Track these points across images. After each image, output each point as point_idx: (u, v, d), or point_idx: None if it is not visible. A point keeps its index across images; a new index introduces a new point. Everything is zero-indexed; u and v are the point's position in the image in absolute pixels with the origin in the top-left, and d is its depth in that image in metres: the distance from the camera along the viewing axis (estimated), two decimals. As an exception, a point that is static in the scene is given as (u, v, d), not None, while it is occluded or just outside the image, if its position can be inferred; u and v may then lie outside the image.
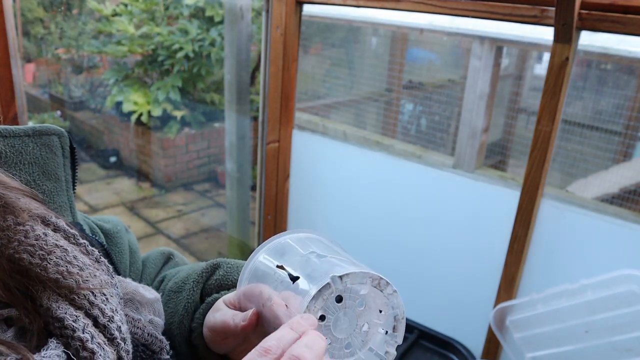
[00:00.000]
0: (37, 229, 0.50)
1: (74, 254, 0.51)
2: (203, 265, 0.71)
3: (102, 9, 4.20)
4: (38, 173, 0.60)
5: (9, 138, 0.59)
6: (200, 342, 0.64)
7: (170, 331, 0.68)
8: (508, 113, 2.55)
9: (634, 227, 1.56)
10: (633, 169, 2.07)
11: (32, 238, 0.49)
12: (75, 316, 0.47)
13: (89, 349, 0.46)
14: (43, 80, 4.71)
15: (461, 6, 1.65)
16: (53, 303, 0.47)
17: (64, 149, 0.63)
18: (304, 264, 0.53)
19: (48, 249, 0.49)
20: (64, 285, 0.48)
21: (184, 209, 4.40)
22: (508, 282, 1.76)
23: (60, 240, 0.51)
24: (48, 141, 0.62)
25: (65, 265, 0.49)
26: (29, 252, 0.48)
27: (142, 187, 4.63)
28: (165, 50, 4.26)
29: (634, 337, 1.41)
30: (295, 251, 0.56)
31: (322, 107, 2.59)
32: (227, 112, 3.08)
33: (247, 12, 2.89)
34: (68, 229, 0.53)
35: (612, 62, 2.31)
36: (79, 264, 0.50)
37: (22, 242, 0.48)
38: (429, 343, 2.00)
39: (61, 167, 0.63)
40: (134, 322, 0.58)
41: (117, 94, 4.31)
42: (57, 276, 0.48)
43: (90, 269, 0.51)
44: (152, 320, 0.60)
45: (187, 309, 0.67)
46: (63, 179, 0.63)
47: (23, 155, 0.59)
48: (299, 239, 0.58)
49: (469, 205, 1.89)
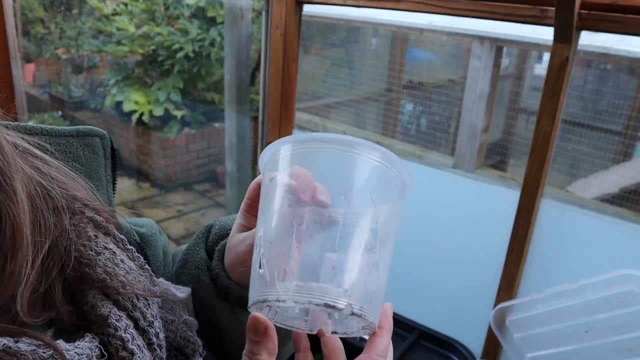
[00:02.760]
0: (89, 230, 0.52)
1: (121, 257, 0.52)
2: (198, 231, 0.73)
3: (102, 8, 4.20)
4: (80, 171, 0.61)
5: (55, 137, 0.61)
6: (227, 282, 0.64)
7: (197, 299, 0.67)
8: (508, 113, 2.55)
9: (634, 227, 1.56)
10: (633, 169, 2.07)
11: (84, 238, 0.51)
12: (119, 316, 0.48)
13: (128, 349, 0.47)
14: (43, 80, 4.71)
15: (461, 6, 1.65)
16: (98, 301, 0.48)
17: (106, 150, 0.65)
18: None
19: (98, 250, 0.51)
20: (110, 286, 0.49)
21: (184, 209, 4.40)
22: (508, 282, 1.76)
23: (109, 243, 0.53)
24: (91, 142, 0.63)
25: (112, 267, 0.50)
26: (80, 251, 0.50)
27: (142, 187, 4.63)
28: (165, 50, 4.26)
29: (634, 337, 1.41)
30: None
31: (322, 107, 2.59)
32: (227, 112, 3.08)
33: (247, 12, 2.89)
34: (117, 234, 0.55)
35: (612, 62, 2.31)
36: (125, 268, 0.52)
37: (74, 242, 0.50)
38: (429, 343, 2.00)
39: (102, 167, 0.64)
40: (167, 324, 0.58)
41: (117, 94, 4.31)
42: (105, 276, 0.49)
43: (135, 274, 0.52)
44: (186, 321, 0.61)
45: (199, 268, 0.67)
46: (104, 179, 0.64)
47: (67, 154, 0.61)
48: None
49: (469, 205, 1.89)
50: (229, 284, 0.64)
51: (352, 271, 0.45)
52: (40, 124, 0.64)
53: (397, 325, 2.07)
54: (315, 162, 0.49)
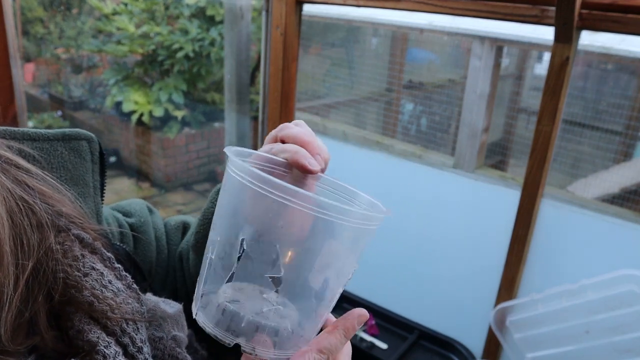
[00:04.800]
0: (75, 249, 0.49)
1: (109, 278, 0.50)
2: (211, 194, 0.71)
3: (102, 7, 4.19)
4: (66, 178, 0.58)
5: (39, 141, 0.58)
6: None
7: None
8: (508, 113, 2.55)
9: (635, 227, 1.56)
10: (633, 169, 2.07)
11: (70, 258, 0.48)
12: (108, 342, 0.46)
13: None
14: (43, 80, 4.71)
15: (461, 6, 1.65)
16: (85, 326, 0.46)
17: (93, 155, 0.62)
18: None
19: (84, 271, 0.48)
20: (97, 310, 0.47)
21: (183, 209, 4.40)
22: (508, 282, 1.76)
23: (97, 263, 0.50)
24: (77, 146, 0.60)
25: (100, 289, 0.48)
26: (66, 272, 0.47)
27: (142, 187, 4.63)
28: (165, 50, 4.26)
29: (634, 337, 1.41)
30: None
31: (322, 107, 2.59)
32: (227, 112, 3.08)
33: (247, 11, 2.89)
34: (104, 252, 0.52)
35: (612, 61, 2.31)
36: (113, 289, 0.49)
37: (59, 262, 0.47)
38: (429, 343, 2.00)
39: (89, 173, 0.61)
40: (155, 342, 0.56)
41: (117, 94, 4.31)
42: (92, 299, 0.47)
43: (123, 295, 0.50)
44: (175, 337, 0.59)
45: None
46: (91, 185, 0.61)
47: (52, 159, 0.58)
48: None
49: (469, 205, 1.89)
50: None
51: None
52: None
53: (397, 325, 2.06)
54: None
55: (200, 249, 0.70)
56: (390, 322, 2.07)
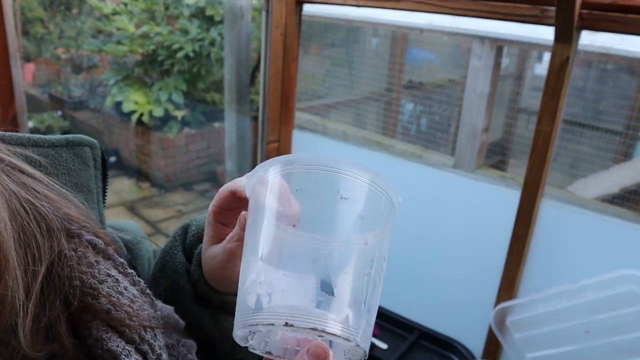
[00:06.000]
0: (90, 255, 0.48)
1: (124, 284, 0.49)
2: (174, 232, 0.69)
3: (102, 7, 4.20)
4: (71, 185, 0.57)
5: (44, 148, 0.57)
6: (206, 287, 0.62)
7: (177, 304, 0.65)
8: (508, 113, 2.55)
9: (635, 227, 1.56)
10: (633, 169, 2.07)
11: (85, 265, 0.47)
12: (128, 351, 0.45)
13: None
14: (43, 80, 4.71)
15: (461, 6, 1.65)
16: (104, 334, 0.45)
17: (96, 161, 0.61)
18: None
19: (100, 278, 0.47)
20: (115, 317, 0.46)
21: (183, 209, 4.39)
22: (508, 282, 1.76)
23: (111, 269, 0.49)
24: (81, 152, 0.60)
25: (117, 296, 0.47)
26: (81, 279, 0.46)
27: (142, 187, 4.63)
28: (165, 50, 4.26)
29: (634, 337, 1.41)
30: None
31: (322, 107, 2.59)
32: (227, 112, 3.08)
33: (247, 11, 2.89)
34: (117, 258, 0.51)
35: (612, 62, 2.31)
36: (129, 296, 0.49)
37: (73, 269, 0.46)
38: (429, 343, 2.00)
39: (93, 179, 0.60)
40: (169, 349, 0.55)
41: (117, 94, 4.31)
42: (109, 307, 0.46)
43: (139, 302, 0.49)
44: (184, 343, 0.58)
45: (178, 273, 0.64)
46: (94, 192, 0.60)
47: (57, 165, 0.57)
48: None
49: (469, 205, 1.89)
50: (209, 290, 0.62)
51: (349, 299, 0.42)
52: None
53: (397, 325, 2.06)
54: (305, 186, 0.46)
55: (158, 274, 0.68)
56: (390, 322, 2.07)
